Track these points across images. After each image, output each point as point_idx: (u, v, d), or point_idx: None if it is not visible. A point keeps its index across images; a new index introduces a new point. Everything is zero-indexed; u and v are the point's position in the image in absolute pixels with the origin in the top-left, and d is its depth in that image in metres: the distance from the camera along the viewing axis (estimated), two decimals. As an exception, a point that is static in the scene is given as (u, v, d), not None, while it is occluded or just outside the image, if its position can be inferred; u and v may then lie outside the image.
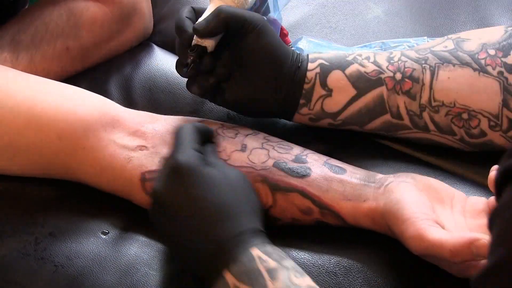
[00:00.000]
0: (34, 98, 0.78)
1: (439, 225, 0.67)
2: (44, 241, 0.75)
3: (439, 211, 0.70)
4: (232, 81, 0.80)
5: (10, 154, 0.78)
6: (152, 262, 0.74)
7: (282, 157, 0.75)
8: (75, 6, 0.94)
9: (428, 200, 0.70)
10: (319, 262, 0.72)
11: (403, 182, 0.72)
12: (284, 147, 0.77)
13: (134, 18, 0.99)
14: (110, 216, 0.78)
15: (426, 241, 0.65)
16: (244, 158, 0.75)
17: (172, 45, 1.01)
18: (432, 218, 0.67)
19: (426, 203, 0.69)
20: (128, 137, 0.78)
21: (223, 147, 0.76)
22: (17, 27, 0.91)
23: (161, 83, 0.94)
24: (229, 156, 0.76)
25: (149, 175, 0.75)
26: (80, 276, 0.72)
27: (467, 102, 0.78)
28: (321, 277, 0.71)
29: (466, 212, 0.71)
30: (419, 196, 0.70)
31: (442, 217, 0.69)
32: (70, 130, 0.76)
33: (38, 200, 0.79)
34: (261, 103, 0.80)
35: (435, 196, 0.71)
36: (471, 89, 0.77)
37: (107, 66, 0.97)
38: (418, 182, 0.72)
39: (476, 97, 0.77)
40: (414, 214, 0.67)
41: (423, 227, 0.66)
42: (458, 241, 0.64)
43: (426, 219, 0.67)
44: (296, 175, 0.74)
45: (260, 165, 0.75)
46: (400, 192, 0.70)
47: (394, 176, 0.74)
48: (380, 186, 0.72)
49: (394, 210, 0.69)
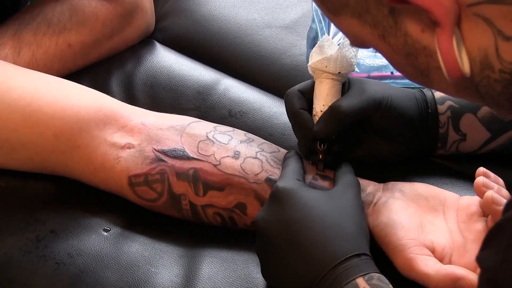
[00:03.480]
0: (32, 94, 0.77)
1: (427, 249, 0.67)
2: (46, 239, 0.75)
3: (430, 223, 0.70)
4: (368, 143, 0.78)
5: (7, 150, 0.78)
6: (153, 260, 0.74)
7: (274, 173, 0.74)
8: (77, 2, 0.94)
9: (417, 213, 0.70)
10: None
11: (391, 198, 0.71)
12: (277, 160, 0.76)
13: (136, 15, 0.99)
14: (112, 213, 0.78)
15: (413, 272, 0.66)
16: (236, 166, 0.74)
17: (173, 41, 1.01)
18: (420, 243, 0.67)
19: (414, 223, 0.69)
20: (117, 133, 0.77)
21: (212, 152, 0.75)
22: (18, 23, 0.91)
23: (163, 80, 0.94)
24: (219, 161, 0.74)
25: (135, 179, 0.75)
26: (82, 274, 0.72)
27: None
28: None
29: (459, 216, 0.71)
30: (407, 214, 0.70)
31: (433, 229, 0.69)
32: (66, 128, 0.76)
33: (39, 197, 0.79)
34: (397, 155, 0.78)
35: (425, 205, 0.71)
36: None
37: (109, 63, 0.97)
38: (406, 194, 0.72)
39: None
40: (401, 241, 0.67)
41: (410, 257, 0.66)
42: (443, 277, 0.64)
43: (414, 246, 0.67)
44: None
45: (252, 177, 0.73)
46: (388, 213, 0.70)
47: (383, 188, 0.73)
48: (369, 204, 0.72)
49: (382, 236, 0.69)
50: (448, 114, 0.77)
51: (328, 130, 0.74)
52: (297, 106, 0.76)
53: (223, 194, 0.73)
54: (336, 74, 0.75)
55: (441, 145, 0.78)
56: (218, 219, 0.74)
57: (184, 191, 0.74)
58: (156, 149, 0.75)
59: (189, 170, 0.73)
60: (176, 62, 0.97)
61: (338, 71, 0.75)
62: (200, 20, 1.03)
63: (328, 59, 0.75)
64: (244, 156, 0.75)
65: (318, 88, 0.76)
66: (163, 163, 0.74)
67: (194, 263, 0.73)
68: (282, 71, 0.96)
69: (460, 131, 0.77)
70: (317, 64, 0.75)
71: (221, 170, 0.74)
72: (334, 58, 0.75)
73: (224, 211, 0.74)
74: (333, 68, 0.75)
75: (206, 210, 0.74)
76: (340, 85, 0.76)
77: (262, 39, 0.99)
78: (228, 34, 1.01)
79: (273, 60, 0.97)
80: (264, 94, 0.92)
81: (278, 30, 1.01)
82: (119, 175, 0.75)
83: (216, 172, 0.73)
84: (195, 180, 0.73)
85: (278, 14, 1.03)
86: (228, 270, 0.72)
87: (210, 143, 0.75)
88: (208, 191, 0.73)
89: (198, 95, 0.91)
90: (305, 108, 0.76)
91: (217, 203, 0.73)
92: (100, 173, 0.76)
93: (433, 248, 0.68)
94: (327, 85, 0.75)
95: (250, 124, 0.86)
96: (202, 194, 0.73)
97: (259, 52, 0.98)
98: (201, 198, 0.74)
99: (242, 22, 1.02)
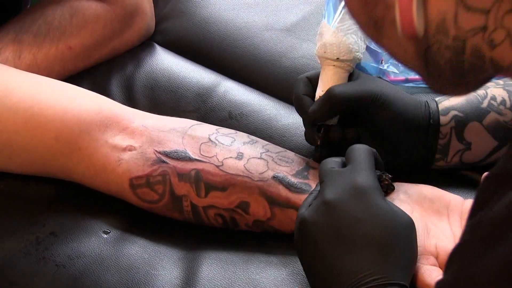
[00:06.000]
0: (33, 97, 0.77)
1: (432, 257, 0.67)
2: (45, 241, 0.75)
3: (435, 226, 0.70)
4: (363, 140, 0.76)
5: (8, 153, 0.78)
6: (153, 262, 0.74)
7: (282, 170, 0.74)
8: (77, 5, 0.94)
9: (422, 217, 0.70)
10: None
11: (396, 200, 0.71)
12: (284, 159, 0.76)
13: (136, 17, 0.99)
14: (112, 216, 0.78)
15: (417, 282, 0.65)
16: (240, 166, 0.73)
17: (173, 44, 1.01)
18: (425, 250, 0.67)
19: (419, 229, 0.67)
20: (119, 136, 0.77)
21: (215, 153, 0.74)
22: (19, 26, 0.91)
23: (163, 82, 0.94)
24: (222, 162, 0.74)
25: (136, 181, 0.75)
26: (81, 276, 0.72)
27: None
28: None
29: (463, 219, 0.70)
30: (412, 218, 0.68)
31: (438, 233, 0.69)
32: (67, 131, 0.76)
33: (39, 199, 0.79)
34: (394, 162, 0.76)
35: (430, 207, 0.71)
36: None
37: (109, 65, 0.97)
38: (411, 196, 0.72)
39: None
40: None
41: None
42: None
43: (420, 255, 0.66)
44: (295, 191, 0.73)
45: (257, 175, 0.73)
46: None
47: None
48: None
49: None
50: (452, 124, 0.76)
51: (321, 113, 0.75)
52: (301, 91, 0.77)
53: (225, 195, 0.73)
54: (335, 60, 0.76)
55: (441, 156, 0.77)
56: (220, 220, 0.74)
57: (185, 192, 0.74)
58: (157, 151, 0.75)
59: (191, 171, 0.73)
60: (176, 64, 0.97)
61: (336, 57, 0.76)
62: (200, 22, 1.03)
63: (325, 44, 0.77)
64: (248, 157, 0.75)
65: (321, 74, 0.78)
66: (164, 165, 0.74)
67: (193, 265, 0.73)
68: (282, 74, 0.96)
69: (465, 140, 0.76)
70: (318, 51, 0.78)
71: (224, 171, 0.73)
72: (330, 43, 0.76)
73: (225, 211, 0.73)
74: (331, 54, 0.76)
75: (207, 211, 0.74)
76: (344, 73, 0.77)
77: (262, 42, 1.00)
78: (228, 36, 1.01)
79: (273, 62, 0.97)
80: (264, 96, 0.92)
81: (278, 32, 1.01)
82: (121, 177, 0.75)
83: (218, 173, 0.73)
84: (197, 181, 0.73)
85: (278, 16, 1.03)
86: (227, 272, 0.72)
87: (212, 145, 0.75)
88: (210, 192, 0.73)
89: (198, 97, 0.91)
90: (309, 94, 0.77)
91: (219, 204, 0.73)
92: (101, 176, 0.76)
93: (437, 253, 0.68)
94: (329, 71, 0.77)
95: (250, 126, 0.86)
96: (203, 195, 0.73)
97: (259, 54, 0.98)
98: (203, 199, 0.73)
99: (242, 24, 1.02)
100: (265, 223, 0.73)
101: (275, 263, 0.73)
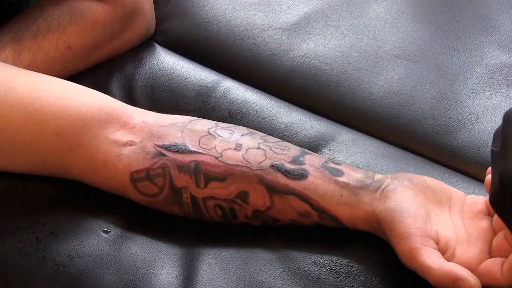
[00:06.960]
0: (33, 94, 0.78)
1: (432, 240, 0.67)
2: (45, 240, 0.75)
3: (436, 215, 0.70)
4: None
5: (9, 151, 0.78)
6: (153, 261, 0.73)
7: (279, 158, 0.75)
8: (77, 5, 0.94)
9: (425, 204, 0.70)
10: (320, 260, 0.72)
11: (400, 185, 0.71)
12: (281, 147, 0.76)
13: (137, 17, 0.99)
14: (112, 215, 0.78)
15: (415, 262, 0.65)
16: (238, 156, 0.74)
17: (174, 43, 1.02)
18: (426, 233, 0.67)
19: (421, 213, 0.68)
20: (119, 131, 0.77)
21: (214, 145, 0.75)
22: (18, 26, 0.91)
23: (163, 82, 0.94)
24: (221, 154, 0.74)
25: (137, 175, 0.75)
26: (81, 275, 0.72)
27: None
28: (322, 275, 0.71)
29: (464, 213, 0.71)
30: (415, 203, 0.69)
31: (438, 221, 0.69)
32: (67, 127, 0.76)
33: (39, 198, 0.79)
34: None
35: (432, 197, 0.71)
36: None
37: (109, 65, 0.98)
38: (415, 184, 0.71)
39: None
40: (408, 229, 0.67)
41: (414, 246, 0.66)
42: (444, 274, 0.64)
43: (420, 236, 0.66)
44: (293, 178, 0.73)
45: (256, 165, 0.74)
46: (395, 199, 0.69)
47: (392, 177, 0.73)
48: (377, 189, 0.71)
49: (388, 221, 0.68)
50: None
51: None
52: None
53: (224, 185, 0.73)
54: None
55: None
56: (219, 212, 0.74)
57: (185, 183, 0.74)
58: (157, 145, 0.75)
59: (190, 163, 0.74)
60: (176, 64, 0.97)
61: None
62: (200, 22, 1.03)
63: None
64: (246, 148, 0.75)
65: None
66: (164, 157, 0.75)
67: (193, 264, 0.73)
68: (282, 73, 0.96)
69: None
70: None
71: (223, 161, 0.74)
72: None
73: (225, 202, 0.74)
74: None
75: (206, 202, 0.74)
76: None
77: (262, 41, 1.00)
78: (228, 36, 1.01)
79: (273, 62, 0.97)
80: (264, 96, 0.93)
81: (278, 32, 1.01)
82: (121, 172, 0.76)
83: (217, 164, 0.74)
84: (196, 172, 0.74)
85: (278, 16, 1.04)
86: (227, 271, 0.72)
87: (211, 138, 0.76)
88: (209, 183, 0.73)
89: (198, 96, 0.91)
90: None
91: (218, 195, 0.74)
92: (102, 172, 0.77)
93: (438, 239, 0.68)
94: None
95: (250, 125, 0.86)
96: (203, 186, 0.74)
97: (259, 54, 0.98)
98: (202, 190, 0.74)
99: (242, 24, 1.02)
100: (264, 213, 0.74)
101: (275, 261, 0.73)
